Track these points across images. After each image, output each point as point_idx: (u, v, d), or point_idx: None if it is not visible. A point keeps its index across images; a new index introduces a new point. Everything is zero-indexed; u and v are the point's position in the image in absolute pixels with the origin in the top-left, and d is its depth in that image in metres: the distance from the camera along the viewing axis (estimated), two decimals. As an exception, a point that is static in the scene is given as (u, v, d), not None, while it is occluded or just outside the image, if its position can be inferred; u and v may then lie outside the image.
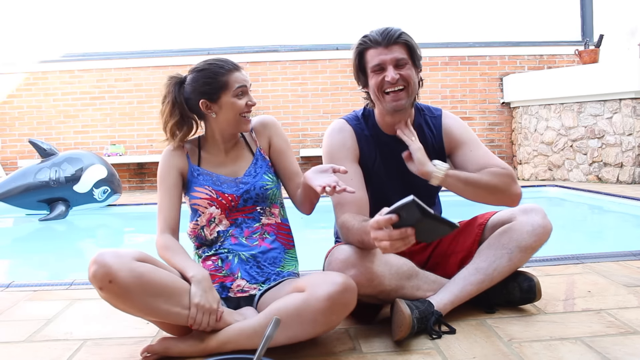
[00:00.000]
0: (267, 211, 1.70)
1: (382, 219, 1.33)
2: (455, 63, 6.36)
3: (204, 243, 1.68)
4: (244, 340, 1.42)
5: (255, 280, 1.61)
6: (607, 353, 1.42)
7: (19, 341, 1.65)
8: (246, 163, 1.73)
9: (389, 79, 1.65)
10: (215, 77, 1.63)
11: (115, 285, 1.33)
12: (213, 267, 1.63)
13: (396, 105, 1.69)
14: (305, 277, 1.51)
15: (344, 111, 6.07)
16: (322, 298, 1.36)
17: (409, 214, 1.32)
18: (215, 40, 6.25)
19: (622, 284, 2.00)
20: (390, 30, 1.66)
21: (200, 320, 1.42)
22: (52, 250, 3.77)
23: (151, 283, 1.37)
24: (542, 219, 1.72)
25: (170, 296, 1.40)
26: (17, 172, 4.62)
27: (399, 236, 1.33)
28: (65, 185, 4.50)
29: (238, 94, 1.64)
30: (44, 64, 6.24)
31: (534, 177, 5.96)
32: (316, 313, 1.36)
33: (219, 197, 1.65)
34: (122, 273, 1.33)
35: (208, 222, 1.66)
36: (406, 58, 1.67)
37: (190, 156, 1.72)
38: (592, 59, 5.62)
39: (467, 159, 1.76)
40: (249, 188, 1.67)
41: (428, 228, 1.34)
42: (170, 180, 1.68)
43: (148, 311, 1.41)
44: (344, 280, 1.40)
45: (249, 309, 1.57)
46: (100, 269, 1.33)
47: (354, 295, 1.41)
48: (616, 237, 3.65)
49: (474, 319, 1.68)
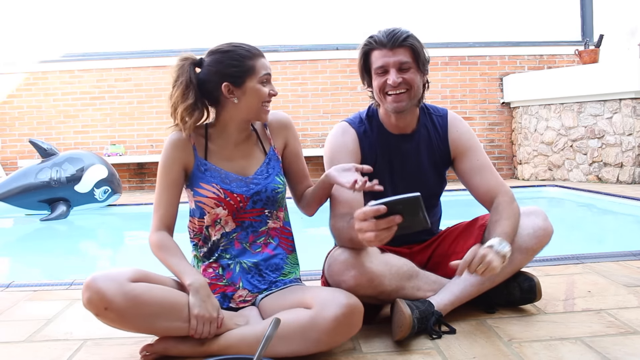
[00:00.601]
0: (274, 214, 1.64)
1: (369, 209, 1.31)
2: (455, 63, 6.36)
3: (207, 242, 1.63)
4: (245, 348, 1.40)
5: (257, 289, 1.59)
6: (607, 353, 1.42)
7: (19, 341, 1.65)
8: (257, 161, 1.64)
9: (391, 82, 1.65)
10: (242, 60, 1.53)
11: (111, 312, 1.32)
12: (214, 275, 1.59)
13: (396, 107, 1.69)
14: (312, 291, 1.47)
15: (344, 111, 6.08)
16: (329, 319, 1.34)
17: (407, 209, 1.31)
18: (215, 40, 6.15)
19: (622, 284, 2.00)
20: (396, 32, 1.65)
21: (201, 330, 1.39)
22: (52, 250, 3.77)
23: (148, 304, 1.35)
24: (543, 221, 1.72)
25: (169, 313, 1.38)
26: (17, 172, 4.61)
27: (386, 224, 1.30)
28: (67, 185, 4.49)
29: (263, 81, 1.55)
30: (44, 64, 6.24)
31: (534, 177, 5.96)
32: (321, 333, 1.35)
33: (227, 197, 1.57)
34: (117, 299, 1.31)
35: (214, 223, 1.60)
36: (410, 62, 1.66)
37: (197, 147, 1.60)
38: (592, 59, 5.62)
39: (474, 167, 1.78)
40: (261, 189, 1.60)
41: (411, 223, 1.33)
42: (172, 175, 1.57)
43: (147, 330, 1.42)
44: (351, 303, 1.37)
45: (252, 309, 1.56)
46: (94, 296, 1.31)
47: (360, 317, 1.39)
48: (616, 237, 3.65)
49: (474, 319, 1.68)
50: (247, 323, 1.50)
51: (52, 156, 4.61)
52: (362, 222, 1.33)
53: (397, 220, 1.31)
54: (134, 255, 3.63)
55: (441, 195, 1.93)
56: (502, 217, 1.65)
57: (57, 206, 4.46)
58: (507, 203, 1.70)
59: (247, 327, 1.47)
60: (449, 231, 1.90)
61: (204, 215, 1.60)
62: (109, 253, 3.86)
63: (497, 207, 1.70)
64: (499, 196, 1.72)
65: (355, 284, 1.53)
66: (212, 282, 1.59)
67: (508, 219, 1.64)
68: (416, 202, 1.31)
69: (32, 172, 4.49)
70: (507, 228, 1.61)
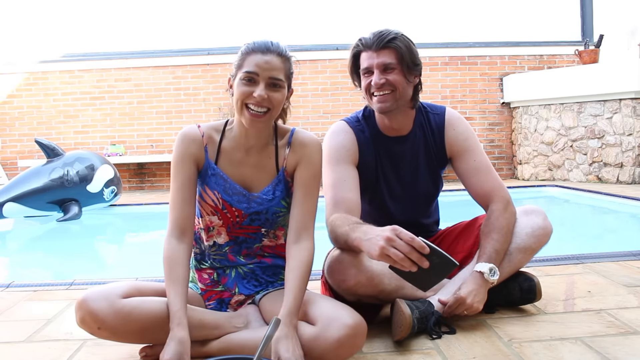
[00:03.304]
0: (271, 233, 1.58)
1: (417, 240, 1.31)
2: (455, 63, 6.36)
3: (199, 244, 1.60)
4: (247, 353, 1.38)
5: (254, 291, 1.58)
6: (607, 353, 1.42)
7: (19, 341, 1.65)
8: (266, 177, 1.54)
9: (373, 83, 1.67)
10: (243, 53, 1.46)
11: (104, 331, 1.34)
12: (209, 281, 1.58)
13: (380, 107, 1.70)
14: (315, 303, 1.44)
15: (344, 111, 6.08)
16: (331, 340, 1.33)
17: (438, 264, 1.32)
18: (215, 40, 6.25)
19: (622, 284, 2.00)
20: (382, 34, 1.67)
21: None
22: (52, 250, 3.77)
23: (139, 320, 1.36)
24: (543, 220, 1.73)
25: (161, 326, 1.37)
26: (27, 172, 4.43)
27: (416, 259, 1.30)
28: (79, 185, 4.40)
29: (246, 78, 1.42)
30: (44, 64, 6.24)
31: (534, 177, 5.96)
32: (324, 351, 1.34)
33: (224, 209, 1.52)
34: (109, 318, 1.32)
35: (207, 229, 1.56)
36: (394, 63, 1.66)
37: (209, 149, 1.52)
38: (592, 59, 5.62)
39: (470, 168, 1.78)
40: (261, 210, 1.53)
41: (425, 278, 1.37)
42: (184, 173, 1.49)
43: (143, 341, 1.44)
44: (355, 323, 1.35)
45: (251, 307, 1.55)
46: (87, 316, 1.33)
47: (363, 338, 1.38)
48: (616, 237, 3.65)
49: (474, 319, 1.68)
50: (247, 323, 1.49)
51: (59, 156, 4.49)
52: (400, 240, 1.32)
53: (424, 265, 1.32)
54: (134, 255, 3.62)
55: (438, 196, 1.93)
56: (493, 229, 1.67)
57: (70, 207, 4.35)
58: (501, 211, 1.70)
59: (248, 332, 1.46)
60: (448, 231, 1.91)
61: (200, 216, 1.57)
62: (109, 253, 3.86)
63: (489, 216, 1.71)
64: (494, 202, 1.73)
65: (355, 282, 1.53)
66: (207, 288, 1.58)
67: (499, 231, 1.67)
68: (450, 267, 1.34)
69: (44, 172, 4.35)
70: (497, 244, 1.65)
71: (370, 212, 1.83)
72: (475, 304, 1.59)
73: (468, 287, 1.59)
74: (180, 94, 6.28)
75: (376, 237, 1.36)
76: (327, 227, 1.65)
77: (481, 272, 1.61)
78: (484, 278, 1.61)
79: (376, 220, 1.55)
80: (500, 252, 1.65)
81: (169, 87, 6.28)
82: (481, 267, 1.62)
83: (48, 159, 4.50)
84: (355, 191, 1.70)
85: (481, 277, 1.61)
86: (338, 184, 1.68)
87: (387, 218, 1.70)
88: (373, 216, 1.82)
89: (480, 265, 1.62)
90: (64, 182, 4.35)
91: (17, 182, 4.34)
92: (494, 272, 1.62)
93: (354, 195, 1.68)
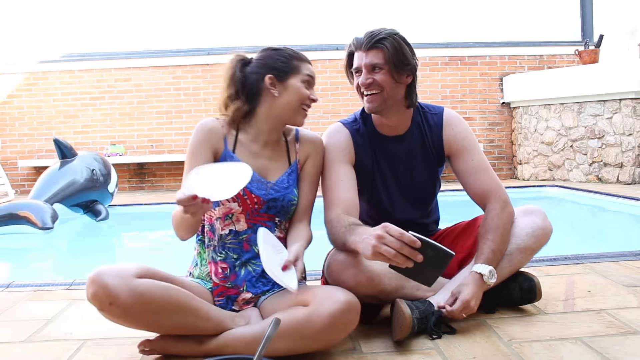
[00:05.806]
0: (282, 224, 1.66)
1: (407, 235, 1.31)
2: (455, 63, 6.36)
3: (213, 234, 1.61)
4: (242, 347, 1.41)
5: (261, 290, 1.60)
6: (607, 353, 1.42)
7: (19, 341, 1.65)
8: (281, 168, 1.66)
9: (360, 83, 1.69)
10: (291, 58, 1.61)
11: (116, 307, 1.31)
12: (222, 275, 1.59)
13: (369, 107, 1.72)
14: (310, 289, 1.47)
15: (344, 111, 6.08)
16: (325, 316, 1.34)
17: (433, 257, 1.32)
18: (215, 40, 6.25)
19: (622, 284, 2.00)
20: (372, 34, 1.68)
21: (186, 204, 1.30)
22: (52, 250, 3.77)
23: (153, 301, 1.35)
24: (542, 220, 1.73)
25: (174, 311, 1.38)
26: (55, 172, 4.17)
27: (408, 254, 1.31)
28: (103, 185, 4.34)
29: (306, 81, 1.60)
30: (44, 64, 6.24)
31: (534, 177, 5.96)
32: (317, 330, 1.35)
33: (245, 195, 1.57)
34: (122, 295, 1.30)
35: (224, 216, 1.59)
36: (382, 63, 1.67)
37: (228, 139, 1.62)
38: (592, 59, 5.62)
39: (468, 168, 1.78)
40: (279, 197, 1.61)
41: (422, 272, 1.36)
42: (201, 158, 1.56)
43: (151, 327, 1.42)
44: (347, 299, 1.37)
45: (253, 310, 1.57)
46: (100, 291, 1.30)
47: (356, 315, 1.39)
48: (616, 237, 3.65)
49: (474, 319, 1.68)
50: (248, 323, 1.50)
51: (74, 157, 4.34)
52: (390, 237, 1.32)
53: (417, 259, 1.31)
54: (134, 255, 3.63)
55: (437, 195, 1.93)
56: (490, 229, 1.67)
57: (98, 207, 4.23)
58: (497, 211, 1.70)
59: (245, 327, 1.47)
60: (448, 231, 1.91)
61: (216, 206, 1.59)
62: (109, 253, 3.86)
63: (487, 216, 1.72)
64: (491, 202, 1.72)
65: (355, 283, 1.53)
66: (220, 282, 1.59)
67: (496, 231, 1.67)
68: (446, 258, 1.34)
69: (75, 172, 4.15)
70: (494, 244, 1.65)
71: (369, 211, 1.84)
72: (475, 306, 1.59)
73: (470, 290, 1.59)
74: (180, 94, 6.28)
75: (368, 236, 1.37)
76: (325, 228, 1.66)
77: (481, 274, 1.61)
78: (483, 280, 1.61)
79: (375, 220, 1.56)
80: (497, 252, 1.65)
81: (169, 87, 6.29)
82: (481, 268, 1.61)
83: (62, 159, 4.28)
84: (353, 190, 1.70)
85: (481, 279, 1.61)
86: (335, 183, 1.69)
87: (386, 217, 1.70)
88: (372, 215, 1.82)
89: (479, 267, 1.62)
90: (95, 182, 4.24)
91: (50, 183, 4.06)
92: (493, 275, 1.61)
93: (351, 194, 1.69)
